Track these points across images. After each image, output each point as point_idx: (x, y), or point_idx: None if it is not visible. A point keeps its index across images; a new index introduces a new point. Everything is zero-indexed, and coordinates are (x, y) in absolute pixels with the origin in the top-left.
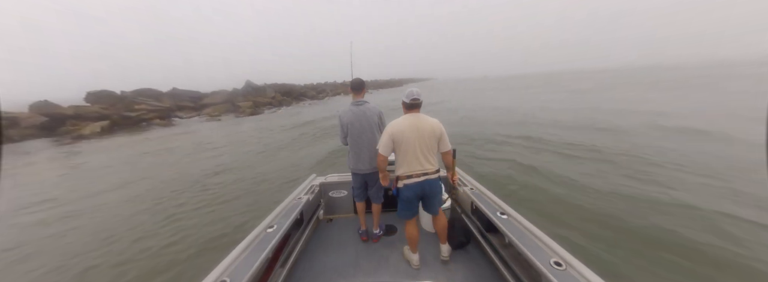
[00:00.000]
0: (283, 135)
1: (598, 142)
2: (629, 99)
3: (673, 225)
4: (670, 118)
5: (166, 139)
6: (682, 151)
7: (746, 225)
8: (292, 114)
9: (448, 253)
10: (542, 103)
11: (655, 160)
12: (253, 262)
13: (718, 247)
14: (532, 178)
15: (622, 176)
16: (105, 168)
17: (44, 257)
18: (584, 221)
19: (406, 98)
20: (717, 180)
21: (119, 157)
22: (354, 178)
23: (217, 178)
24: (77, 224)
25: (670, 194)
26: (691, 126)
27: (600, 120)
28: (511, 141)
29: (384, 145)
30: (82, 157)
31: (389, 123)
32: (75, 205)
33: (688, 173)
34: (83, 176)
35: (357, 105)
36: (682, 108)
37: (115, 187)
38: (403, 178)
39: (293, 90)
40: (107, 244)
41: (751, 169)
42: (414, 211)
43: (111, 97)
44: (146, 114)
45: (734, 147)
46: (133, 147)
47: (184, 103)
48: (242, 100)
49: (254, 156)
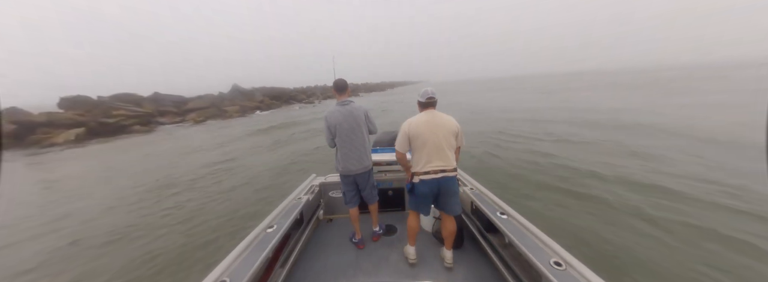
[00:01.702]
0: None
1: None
2: (580, 98)
3: (557, 175)
4: (597, 113)
5: (141, 147)
6: (592, 134)
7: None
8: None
9: (451, 260)
10: (510, 103)
11: (566, 138)
12: (253, 262)
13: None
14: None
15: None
16: (45, 189)
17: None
18: (516, 180)
19: (422, 97)
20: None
21: (77, 172)
22: (344, 181)
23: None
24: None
25: (561, 158)
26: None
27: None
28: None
29: (400, 142)
30: (38, 172)
31: (405, 121)
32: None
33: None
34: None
35: (343, 105)
36: (620, 105)
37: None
38: (420, 174)
39: (283, 94)
40: None
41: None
42: (426, 210)
43: (87, 103)
44: (126, 120)
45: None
46: (100, 157)
47: (166, 109)
48: (229, 105)
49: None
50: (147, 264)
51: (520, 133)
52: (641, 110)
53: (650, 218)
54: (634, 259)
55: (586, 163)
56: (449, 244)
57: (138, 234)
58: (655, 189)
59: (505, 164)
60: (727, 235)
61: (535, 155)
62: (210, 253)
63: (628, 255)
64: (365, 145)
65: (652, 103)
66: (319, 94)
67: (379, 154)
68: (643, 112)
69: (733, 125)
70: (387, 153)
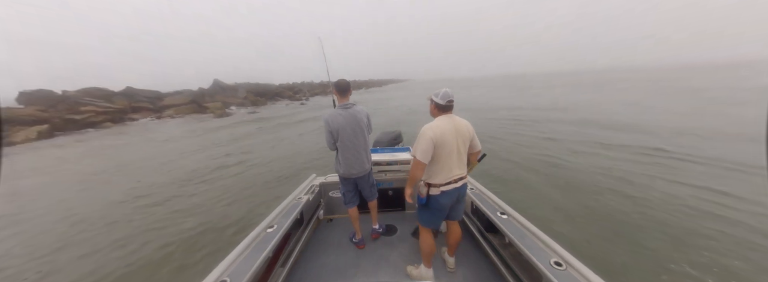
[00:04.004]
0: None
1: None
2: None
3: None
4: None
5: (107, 146)
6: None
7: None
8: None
9: (454, 265)
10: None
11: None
12: (253, 262)
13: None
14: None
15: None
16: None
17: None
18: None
19: (442, 100)
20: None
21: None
22: (344, 184)
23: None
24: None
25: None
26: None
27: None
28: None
29: (424, 151)
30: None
31: (427, 126)
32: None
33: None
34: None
35: (345, 108)
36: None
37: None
38: (442, 185)
39: (268, 90)
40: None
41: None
42: (439, 223)
43: (50, 98)
44: (95, 116)
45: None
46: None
47: (140, 104)
48: (210, 101)
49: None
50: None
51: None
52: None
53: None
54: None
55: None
56: (452, 250)
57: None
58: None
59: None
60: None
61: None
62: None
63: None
64: (367, 149)
65: (575, 98)
66: (306, 91)
67: (379, 154)
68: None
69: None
70: (387, 153)
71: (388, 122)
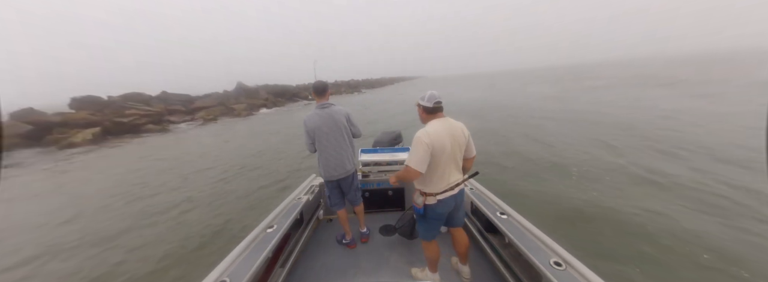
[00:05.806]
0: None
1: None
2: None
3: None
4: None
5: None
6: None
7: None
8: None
9: (469, 275)
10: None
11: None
12: (253, 262)
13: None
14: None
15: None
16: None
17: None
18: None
19: (428, 102)
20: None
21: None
22: (328, 186)
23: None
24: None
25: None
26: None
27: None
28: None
29: (421, 159)
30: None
31: (421, 131)
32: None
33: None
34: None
35: (322, 108)
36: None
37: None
38: (438, 194)
39: (286, 91)
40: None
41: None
42: (437, 232)
43: (97, 103)
44: (139, 119)
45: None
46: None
47: (175, 107)
48: (235, 103)
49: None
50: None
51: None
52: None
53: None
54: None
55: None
56: (465, 258)
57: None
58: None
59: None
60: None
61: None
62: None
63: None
64: (347, 149)
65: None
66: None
67: (379, 154)
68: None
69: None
70: (386, 153)
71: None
